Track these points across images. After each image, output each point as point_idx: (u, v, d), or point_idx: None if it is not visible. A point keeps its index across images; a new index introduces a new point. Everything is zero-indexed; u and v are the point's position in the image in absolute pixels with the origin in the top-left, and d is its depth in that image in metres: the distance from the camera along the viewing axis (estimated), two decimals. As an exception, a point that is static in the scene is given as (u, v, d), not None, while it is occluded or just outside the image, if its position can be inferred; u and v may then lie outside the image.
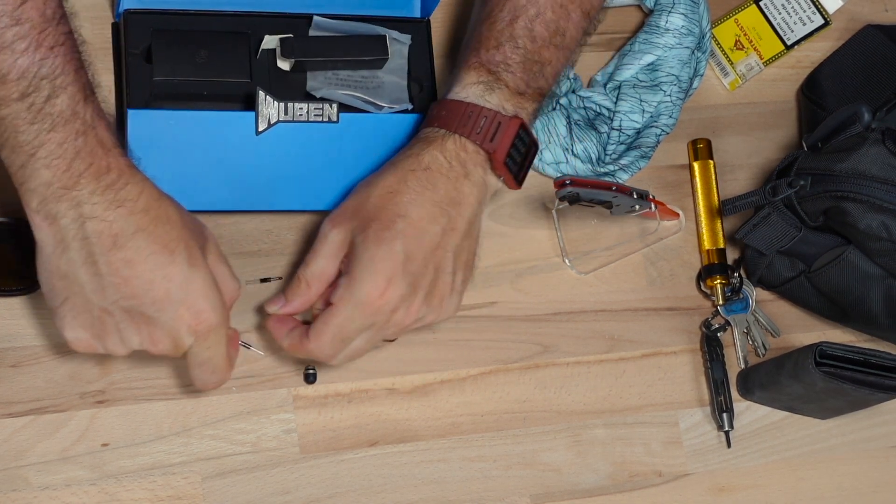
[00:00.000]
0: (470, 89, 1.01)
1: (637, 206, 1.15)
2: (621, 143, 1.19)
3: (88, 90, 0.90)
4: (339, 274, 0.99)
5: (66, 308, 0.93)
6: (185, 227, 0.94)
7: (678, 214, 1.21)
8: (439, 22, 1.19)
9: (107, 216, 0.90)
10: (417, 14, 1.16)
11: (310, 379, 1.09)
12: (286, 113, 1.05)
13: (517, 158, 1.02)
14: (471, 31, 1.05)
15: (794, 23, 1.26)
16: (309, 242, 1.12)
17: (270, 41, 1.11)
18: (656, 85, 1.19)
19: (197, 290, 0.93)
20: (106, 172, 0.90)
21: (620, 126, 1.19)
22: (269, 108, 1.04)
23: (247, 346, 1.08)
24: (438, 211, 0.99)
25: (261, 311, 1.09)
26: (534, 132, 1.04)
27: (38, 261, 0.93)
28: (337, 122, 1.06)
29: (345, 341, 0.99)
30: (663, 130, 1.20)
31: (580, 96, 1.20)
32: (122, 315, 0.93)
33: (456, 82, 1.03)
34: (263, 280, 1.10)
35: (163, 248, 0.91)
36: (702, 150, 1.23)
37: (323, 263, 1.00)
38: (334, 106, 1.06)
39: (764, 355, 1.19)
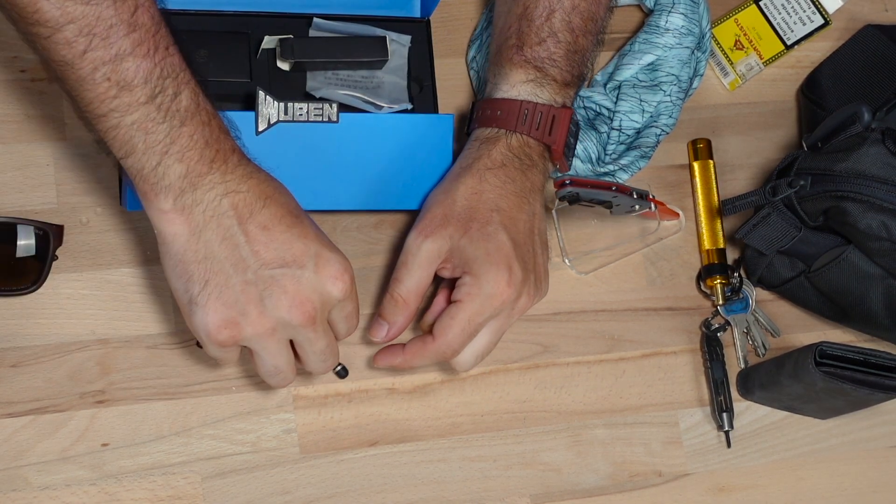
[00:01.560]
0: (521, 87, 1.06)
1: (637, 206, 1.15)
2: (621, 143, 1.19)
3: (200, 83, 0.92)
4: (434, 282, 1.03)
5: (208, 291, 0.92)
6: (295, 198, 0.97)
7: (678, 214, 1.21)
8: (439, 22, 1.19)
9: (241, 188, 0.92)
10: (417, 14, 1.16)
11: (342, 374, 1.08)
12: (286, 113, 1.05)
13: (571, 144, 1.07)
14: (504, 28, 1.08)
15: (794, 23, 1.26)
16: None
17: (270, 41, 1.11)
18: (656, 85, 1.19)
19: (326, 244, 0.95)
20: (232, 153, 0.92)
21: (620, 126, 1.19)
22: (269, 108, 1.04)
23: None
24: (521, 200, 1.03)
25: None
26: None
27: (167, 258, 0.93)
28: (337, 122, 1.06)
29: (472, 335, 1.01)
30: (663, 130, 1.20)
31: (580, 96, 1.20)
32: (265, 283, 0.92)
33: (503, 80, 1.06)
34: (263, 280, 1.10)
35: (290, 213, 0.94)
36: (702, 150, 1.23)
37: (419, 275, 1.02)
38: (334, 106, 1.06)
39: (764, 355, 1.19)
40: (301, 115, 1.05)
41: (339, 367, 1.09)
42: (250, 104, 1.06)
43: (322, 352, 0.97)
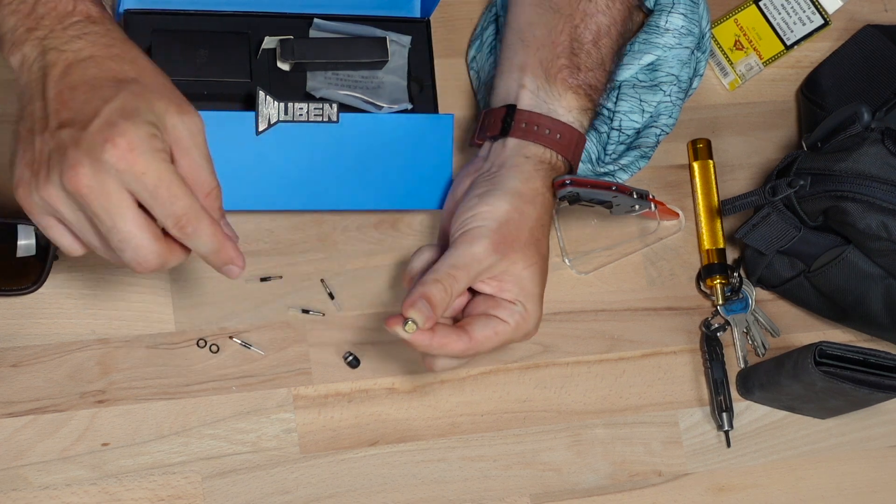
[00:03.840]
0: (575, 114, 1.06)
1: (637, 206, 1.15)
2: (621, 143, 1.19)
3: None
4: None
5: (18, 149, 0.87)
6: (152, 76, 0.87)
7: (678, 214, 1.21)
8: (439, 22, 1.19)
9: (64, 47, 0.87)
10: (417, 14, 1.16)
11: (353, 364, 1.08)
12: (286, 113, 1.05)
13: None
14: (549, 35, 1.06)
15: (794, 23, 1.26)
16: (310, 242, 1.12)
17: (270, 41, 1.11)
18: (656, 85, 1.19)
19: (131, 115, 0.83)
20: (69, 14, 0.88)
21: (620, 126, 1.19)
22: (269, 108, 1.04)
23: (246, 345, 1.08)
24: None
25: (261, 309, 1.09)
26: None
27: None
28: (337, 122, 1.06)
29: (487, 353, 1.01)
30: (663, 130, 1.20)
31: (580, 96, 1.20)
32: (55, 144, 0.84)
33: (555, 100, 1.05)
34: (264, 279, 1.10)
35: (111, 79, 0.86)
36: (701, 150, 1.23)
37: (469, 283, 0.99)
38: (334, 106, 1.06)
39: (763, 355, 1.19)
40: (301, 115, 1.05)
41: (350, 357, 1.09)
42: (250, 104, 1.06)
43: (112, 233, 0.84)
